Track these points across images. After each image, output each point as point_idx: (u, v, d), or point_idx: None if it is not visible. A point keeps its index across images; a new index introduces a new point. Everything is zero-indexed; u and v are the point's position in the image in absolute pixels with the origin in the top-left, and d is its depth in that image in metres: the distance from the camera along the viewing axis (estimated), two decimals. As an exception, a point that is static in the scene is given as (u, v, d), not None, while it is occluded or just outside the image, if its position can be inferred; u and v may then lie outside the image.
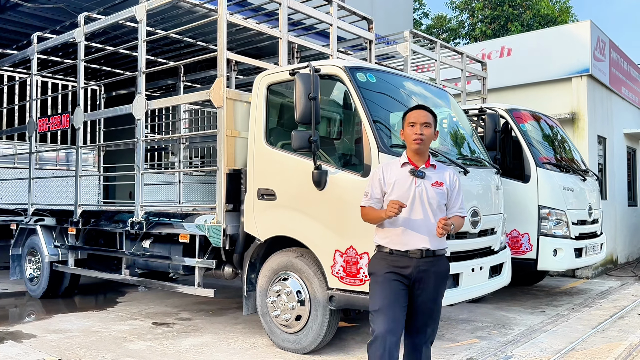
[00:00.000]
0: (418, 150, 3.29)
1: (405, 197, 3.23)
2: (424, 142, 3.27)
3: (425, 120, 3.30)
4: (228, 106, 5.36)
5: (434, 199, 3.25)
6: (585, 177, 7.73)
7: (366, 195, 3.38)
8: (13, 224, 8.36)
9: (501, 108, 7.45)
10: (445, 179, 3.33)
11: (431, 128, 3.31)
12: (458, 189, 3.38)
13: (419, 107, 3.41)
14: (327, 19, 6.60)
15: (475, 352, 5.08)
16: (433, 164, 3.35)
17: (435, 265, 3.27)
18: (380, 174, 3.36)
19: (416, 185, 3.25)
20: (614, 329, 6.00)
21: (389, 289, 3.22)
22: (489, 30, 24.71)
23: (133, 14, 6.32)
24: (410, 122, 3.31)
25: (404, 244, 3.23)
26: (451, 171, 3.42)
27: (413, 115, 3.33)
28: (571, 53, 10.42)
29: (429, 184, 3.27)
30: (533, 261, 6.96)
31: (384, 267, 3.27)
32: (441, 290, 3.35)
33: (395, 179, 3.28)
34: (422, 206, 3.24)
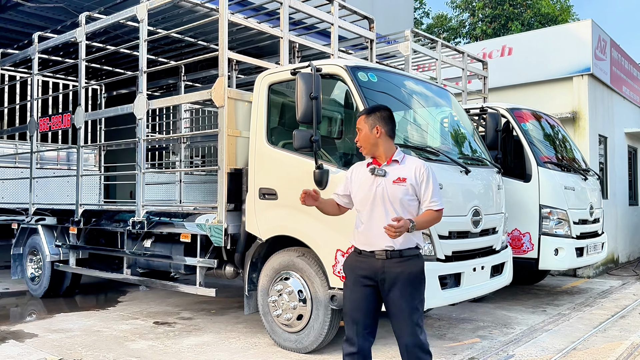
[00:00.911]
0: (367, 154, 3.33)
1: (368, 196, 3.22)
2: (363, 147, 3.31)
3: (357, 126, 3.36)
4: (229, 106, 5.36)
5: (394, 197, 3.17)
6: (586, 177, 7.73)
7: (336, 192, 3.49)
8: (14, 224, 8.36)
9: (502, 107, 7.44)
10: (409, 174, 3.20)
11: (362, 131, 3.30)
12: (427, 181, 3.20)
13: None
14: (328, 19, 6.60)
15: (476, 352, 5.08)
16: (396, 159, 3.26)
17: (404, 265, 3.14)
18: (349, 174, 3.42)
19: (377, 184, 3.21)
20: (615, 329, 6.00)
21: (355, 292, 3.21)
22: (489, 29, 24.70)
23: (134, 14, 6.32)
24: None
25: (370, 244, 3.19)
26: (418, 164, 3.26)
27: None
28: (572, 52, 10.42)
29: (390, 181, 3.19)
30: (534, 260, 6.96)
31: (352, 269, 3.28)
32: (413, 292, 3.15)
33: (360, 179, 3.30)
34: (383, 205, 3.18)
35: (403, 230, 2.97)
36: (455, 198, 4.97)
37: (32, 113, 8.16)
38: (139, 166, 6.24)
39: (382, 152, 3.28)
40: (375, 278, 3.18)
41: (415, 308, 3.15)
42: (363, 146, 3.31)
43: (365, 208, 3.23)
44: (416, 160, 3.33)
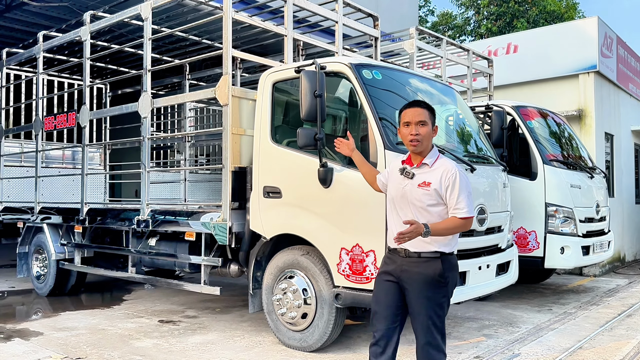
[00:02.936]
0: (415, 151, 3.22)
1: (395, 194, 3.26)
2: (421, 142, 3.16)
3: (421, 119, 3.17)
4: (234, 104, 5.35)
5: (418, 200, 3.14)
6: (592, 175, 7.68)
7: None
8: (20, 222, 8.39)
9: (508, 105, 7.40)
10: (435, 179, 3.13)
11: (428, 126, 3.18)
12: (452, 186, 3.11)
13: (415, 103, 3.30)
14: (332, 16, 6.58)
15: (482, 350, 5.06)
16: (426, 163, 3.19)
17: (421, 266, 3.11)
18: (389, 167, 3.52)
19: (404, 185, 3.21)
20: (622, 327, 5.96)
21: (379, 289, 3.28)
22: (494, 27, 24.59)
23: (138, 12, 6.32)
24: (405, 122, 3.22)
25: (391, 241, 3.17)
26: (447, 168, 3.15)
27: (408, 114, 3.22)
28: (578, 49, 10.36)
29: (415, 184, 3.16)
30: (540, 259, 6.92)
31: (382, 263, 3.36)
32: (430, 293, 3.10)
33: (393, 174, 3.34)
34: (408, 206, 3.17)
35: (413, 235, 2.95)
36: (461, 196, 4.93)
37: (37, 112, 8.18)
38: (143, 165, 6.24)
39: (426, 152, 3.23)
40: (395, 274, 3.21)
41: (430, 308, 3.12)
42: (422, 142, 3.17)
43: (392, 206, 3.28)
44: (447, 164, 3.20)
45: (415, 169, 3.20)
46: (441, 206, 3.15)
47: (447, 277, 3.15)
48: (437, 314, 3.14)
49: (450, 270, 3.20)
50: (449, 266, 3.19)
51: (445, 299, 3.19)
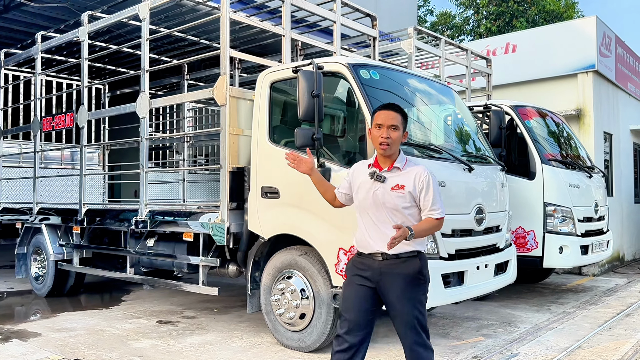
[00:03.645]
0: (384, 154, 3.20)
1: (366, 199, 3.21)
2: (390, 146, 3.16)
3: (393, 123, 3.17)
4: (231, 104, 5.35)
5: (391, 203, 3.15)
6: (591, 174, 7.67)
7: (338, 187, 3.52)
8: (18, 223, 8.38)
9: (506, 105, 7.40)
10: (408, 182, 3.16)
11: (399, 130, 3.18)
12: (426, 188, 3.16)
13: (389, 106, 3.26)
14: (330, 16, 6.57)
15: (480, 350, 5.06)
16: (398, 166, 3.20)
17: (400, 267, 3.13)
18: (350, 175, 3.39)
19: (375, 189, 3.18)
20: (620, 327, 5.96)
21: (349, 291, 3.23)
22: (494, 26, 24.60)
23: (136, 13, 6.31)
24: (377, 124, 3.19)
25: (366, 247, 3.21)
26: (419, 171, 3.20)
27: (381, 117, 3.20)
28: (577, 49, 10.36)
29: (388, 187, 3.16)
30: (539, 258, 6.92)
31: (351, 269, 3.31)
32: (411, 292, 3.14)
33: (361, 181, 3.27)
34: (380, 210, 3.17)
35: (401, 239, 2.97)
36: (459, 196, 4.94)
37: (35, 113, 8.17)
38: (142, 165, 6.24)
39: (395, 156, 3.24)
40: (373, 279, 3.18)
41: (414, 307, 3.14)
42: (391, 146, 3.16)
43: (363, 211, 3.24)
44: (418, 167, 3.24)
45: (386, 173, 3.20)
46: (414, 208, 3.21)
47: (425, 274, 3.22)
48: (421, 312, 3.17)
49: (426, 267, 3.26)
50: (425, 264, 3.25)
51: (424, 296, 3.24)
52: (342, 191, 3.47)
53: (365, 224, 3.23)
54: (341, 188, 3.47)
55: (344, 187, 3.45)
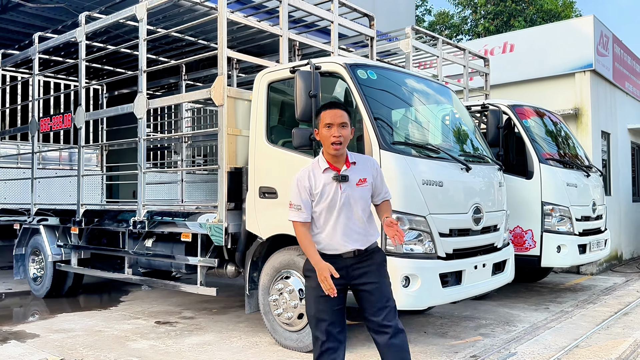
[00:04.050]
0: (338, 153, 3.17)
1: (334, 204, 3.15)
2: (343, 144, 3.15)
3: (342, 121, 3.15)
4: (229, 104, 5.35)
5: (360, 199, 3.19)
6: (588, 173, 7.69)
7: (298, 208, 3.18)
8: (16, 224, 8.37)
9: (503, 104, 7.41)
10: (367, 174, 3.22)
11: (348, 127, 3.18)
12: (380, 175, 3.30)
13: (334, 105, 3.25)
14: (328, 16, 6.58)
15: (478, 350, 5.06)
16: (353, 161, 3.22)
17: (370, 259, 3.22)
18: (306, 182, 3.18)
19: (342, 191, 3.15)
20: (618, 326, 5.97)
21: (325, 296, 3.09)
22: (492, 26, 24.61)
23: (134, 13, 6.32)
24: (326, 124, 3.15)
25: (337, 248, 3.18)
26: (371, 161, 3.32)
27: (329, 116, 3.16)
28: (574, 48, 10.37)
29: (353, 185, 3.17)
30: (537, 258, 6.93)
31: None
32: (385, 280, 3.24)
33: (322, 186, 3.16)
34: (350, 210, 3.17)
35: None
36: (456, 195, 4.95)
37: (33, 113, 8.16)
38: (139, 166, 6.24)
39: (345, 153, 3.22)
40: (346, 278, 3.17)
41: (391, 293, 3.24)
42: (344, 144, 3.16)
43: (331, 215, 3.17)
44: (365, 157, 3.37)
45: (346, 171, 3.18)
46: (372, 197, 3.30)
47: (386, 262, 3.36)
48: (393, 297, 3.26)
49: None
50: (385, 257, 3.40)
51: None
52: (308, 209, 3.19)
53: (335, 226, 3.16)
54: (306, 207, 3.18)
55: (308, 205, 3.19)
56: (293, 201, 3.21)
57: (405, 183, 4.48)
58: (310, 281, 3.23)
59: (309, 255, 3.14)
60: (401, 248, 4.40)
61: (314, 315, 3.19)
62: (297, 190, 3.20)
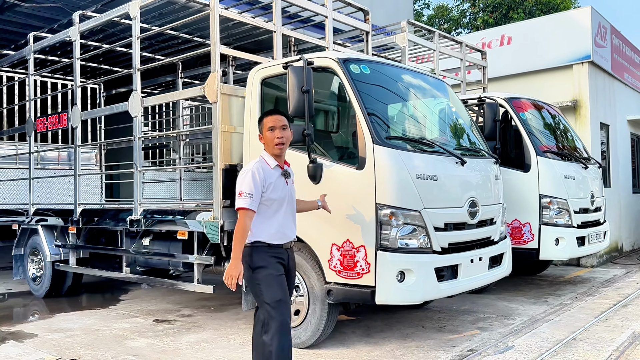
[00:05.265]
0: (280, 154, 3.56)
1: (283, 196, 3.55)
2: (285, 145, 3.55)
3: (284, 123, 3.54)
4: (223, 101, 5.33)
5: (295, 193, 3.73)
6: (587, 165, 7.64)
7: (250, 196, 3.40)
8: (15, 224, 8.38)
9: (500, 97, 7.37)
10: (294, 177, 3.75)
11: (288, 130, 3.57)
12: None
13: (274, 112, 3.64)
14: (322, 11, 6.54)
15: (475, 343, 5.05)
16: (289, 162, 3.74)
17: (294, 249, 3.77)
18: (261, 174, 3.46)
19: (288, 186, 3.60)
20: (617, 318, 5.95)
21: (281, 280, 3.50)
22: (490, 19, 24.49)
23: (127, 11, 6.28)
24: (269, 127, 3.52)
25: (282, 237, 3.56)
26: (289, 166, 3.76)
27: (271, 120, 3.54)
28: (572, 40, 10.33)
29: (291, 182, 3.68)
30: (535, 251, 6.91)
31: (272, 260, 3.50)
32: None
33: (272, 180, 3.50)
34: (291, 204, 3.63)
35: None
36: (451, 189, 4.92)
37: (29, 113, 8.15)
38: (135, 164, 6.23)
39: (284, 154, 3.64)
40: (286, 265, 3.59)
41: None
42: (286, 144, 3.56)
43: (281, 206, 3.54)
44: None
45: (287, 168, 3.65)
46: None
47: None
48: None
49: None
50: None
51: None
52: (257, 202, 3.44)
53: (283, 218, 3.55)
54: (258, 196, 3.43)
55: (259, 195, 3.44)
56: (245, 190, 3.42)
57: (399, 178, 4.46)
58: (265, 270, 3.46)
59: (236, 245, 3.38)
60: (396, 243, 4.38)
61: (282, 300, 3.43)
62: (251, 180, 3.43)
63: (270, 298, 3.40)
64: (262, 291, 3.44)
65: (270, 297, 3.40)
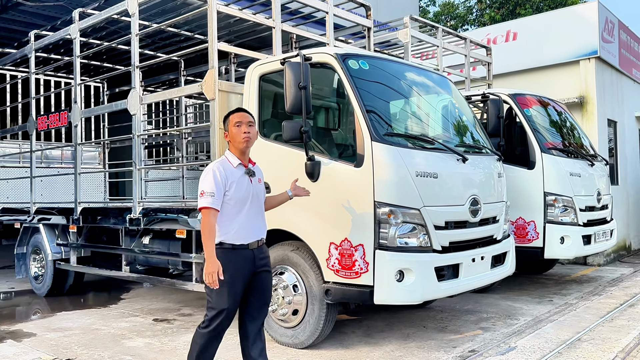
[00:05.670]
0: (245, 149, 3.53)
1: (247, 196, 3.49)
2: (251, 140, 3.51)
3: (250, 120, 3.54)
4: (221, 98, 5.27)
5: (262, 194, 3.65)
6: (593, 162, 7.52)
7: (212, 195, 3.36)
8: (17, 223, 8.36)
9: (504, 93, 7.25)
10: (261, 176, 3.71)
11: (254, 128, 3.56)
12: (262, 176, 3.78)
13: (240, 110, 3.65)
14: (322, 7, 6.46)
15: (477, 344, 4.96)
16: (254, 161, 3.66)
17: (265, 251, 3.65)
18: (222, 173, 3.42)
19: (252, 185, 3.54)
20: (623, 318, 5.84)
21: (237, 287, 3.44)
22: (497, 15, 24.30)
23: (125, 8, 6.23)
24: (236, 123, 3.51)
25: (246, 237, 3.49)
26: (259, 168, 3.74)
27: (238, 116, 3.54)
28: (578, 35, 10.17)
29: (256, 180, 3.60)
30: (540, 249, 6.80)
31: (230, 266, 3.39)
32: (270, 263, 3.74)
33: (235, 179, 3.46)
34: (256, 202, 3.56)
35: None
36: (452, 187, 4.83)
37: (30, 112, 8.13)
38: (134, 163, 6.18)
39: (249, 152, 3.61)
40: (253, 268, 3.51)
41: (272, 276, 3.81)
42: (252, 140, 3.53)
43: (244, 206, 3.48)
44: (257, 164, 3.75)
45: (253, 168, 3.61)
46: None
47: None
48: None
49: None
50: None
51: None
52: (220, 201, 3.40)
53: (245, 217, 3.48)
54: (220, 195, 3.39)
55: (220, 196, 3.39)
56: (207, 189, 3.38)
57: (398, 175, 4.38)
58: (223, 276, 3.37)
59: (207, 245, 3.32)
60: (394, 242, 4.30)
61: (227, 309, 3.43)
62: (212, 179, 3.39)
63: (216, 305, 3.45)
64: (211, 295, 3.47)
65: (216, 304, 3.45)
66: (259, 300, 3.61)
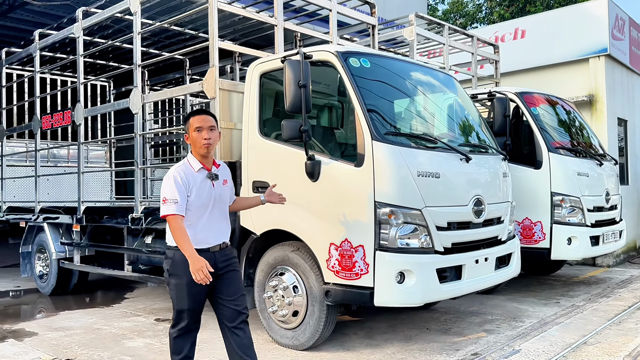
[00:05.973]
0: (207, 154, 3.45)
1: (209, 200, 3.43)
2: (212, 145, 3.44)
3: (211, 124, 3.44)
4: (222, 97, 5.23)
5: (225, 197, 3.58)
6: (601, 162, 7.38)
7: (175, 202, 3.30)
8: (22, 222, 8.38)
9: (511, 91, 7.14)
10: (227, 175, 3.62)
11: (216, 130, 3.47)
12: (232, 181, 3.72)
13: (201, 112, 3.56)
14: (326, 4, 6.39)
15: (481, 347, 4.88)
16: (219, 163, 3.59)
17: (231, 252, 3.59)
18: (184, 178, 3.37)
19: (214, 188, 3.47)
20: (631, 321, 5.72)
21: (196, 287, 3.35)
22: (507, 13, 24.05)
23: (127, 7, 6.20)
24: (196, 127, 3.41)
25: (206, 242, 3.43)
26: (227, 167, 3.68)
27: (198, 120, 3.43)
28: (588, 32, 10.02)
29: (221, 183, 3.53)
30: (546, 250, 6.68)
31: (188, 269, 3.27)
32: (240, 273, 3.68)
33: (195, 184, 3.40)
34: (219, 206, 3.51)
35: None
36: (455, 187, 4.74)
37: (35, 111, 8.14)
38: (136, 162, 6.16)
39: (212, 156, 3.56)
40: (217, 269, 3.41)
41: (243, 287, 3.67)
42: (213, 145, 3.45)
43: (205, 211, 3.43)
44: (223, 163, 3.68)
45: (216, 171, 3.53)
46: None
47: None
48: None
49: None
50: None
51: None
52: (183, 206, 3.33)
53: (206, 221, 3.43)
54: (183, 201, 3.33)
55: (184, 199, 3.34)
56: (168, 196, 3.33)
57: (399, 175, 4.30)
58: (180, 279, 3.40)
59: (185, 248, 3.26)
60: (395, 243, 4.23)
61: (188, 309, 3.46)
62: (173, 185, 3.34)
63: (177, 305, 3.50)
64: (172, 298, 3.52)
65: (177, 305, 3.50)
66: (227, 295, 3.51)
